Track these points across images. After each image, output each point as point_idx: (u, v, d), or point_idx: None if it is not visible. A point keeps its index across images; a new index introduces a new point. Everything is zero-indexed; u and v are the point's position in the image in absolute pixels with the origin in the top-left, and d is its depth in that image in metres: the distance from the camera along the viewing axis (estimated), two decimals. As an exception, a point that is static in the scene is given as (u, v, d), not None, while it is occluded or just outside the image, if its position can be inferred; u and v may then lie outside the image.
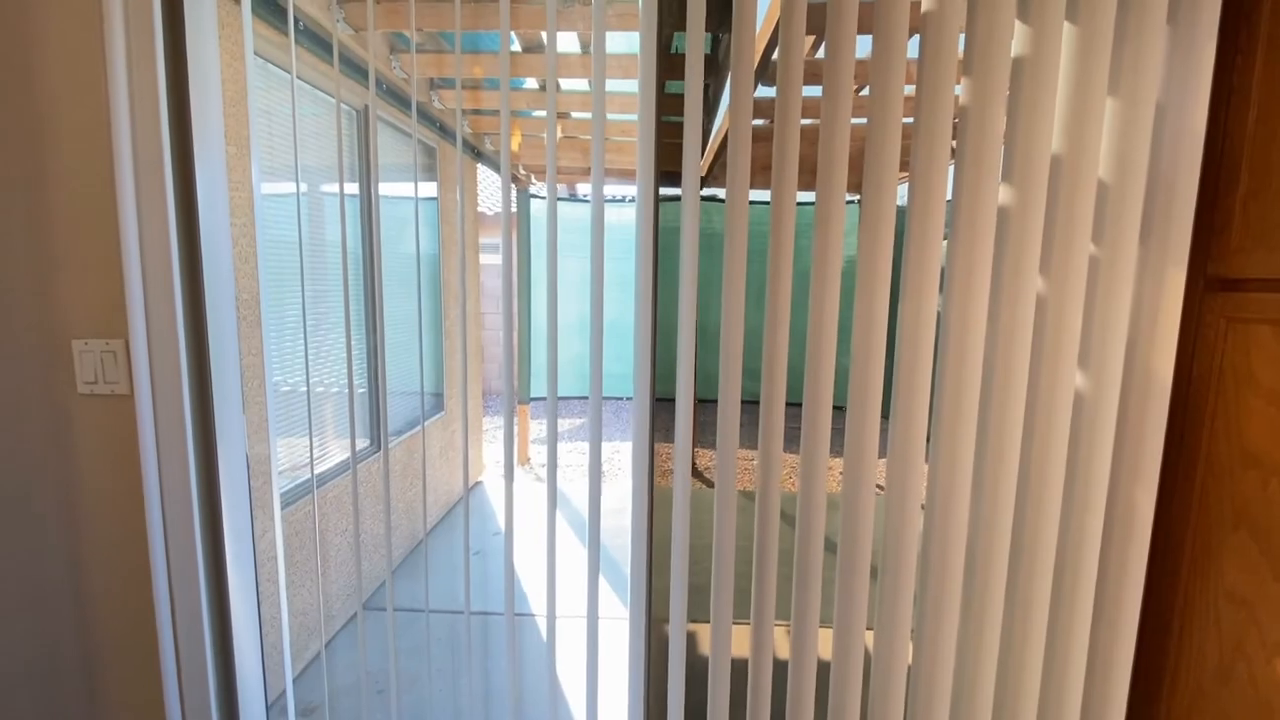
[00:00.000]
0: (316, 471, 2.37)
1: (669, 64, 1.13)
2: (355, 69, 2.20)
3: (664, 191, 1.10)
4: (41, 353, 1.05)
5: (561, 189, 6.67)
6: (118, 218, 0.99)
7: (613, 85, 2.82)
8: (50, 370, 1.05)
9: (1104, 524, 1.05)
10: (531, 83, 2.87)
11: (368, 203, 2.51)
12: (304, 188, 2.16)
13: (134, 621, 1.11)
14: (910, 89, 1.03)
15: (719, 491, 1.12)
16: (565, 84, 2.83)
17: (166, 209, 1.00)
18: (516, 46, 2.31)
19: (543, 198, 7.09)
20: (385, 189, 2.72)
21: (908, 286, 1.03)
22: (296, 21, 1.65)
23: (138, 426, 1.03)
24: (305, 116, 2.15)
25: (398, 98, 2.55)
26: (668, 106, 1.09)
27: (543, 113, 3.19)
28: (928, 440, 1.08)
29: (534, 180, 5.63)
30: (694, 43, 1.01)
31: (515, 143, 3.78)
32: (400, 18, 1.98)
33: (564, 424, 6.53)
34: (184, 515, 1.06)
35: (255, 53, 1.66)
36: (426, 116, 2.93)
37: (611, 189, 6.36)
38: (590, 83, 1.13)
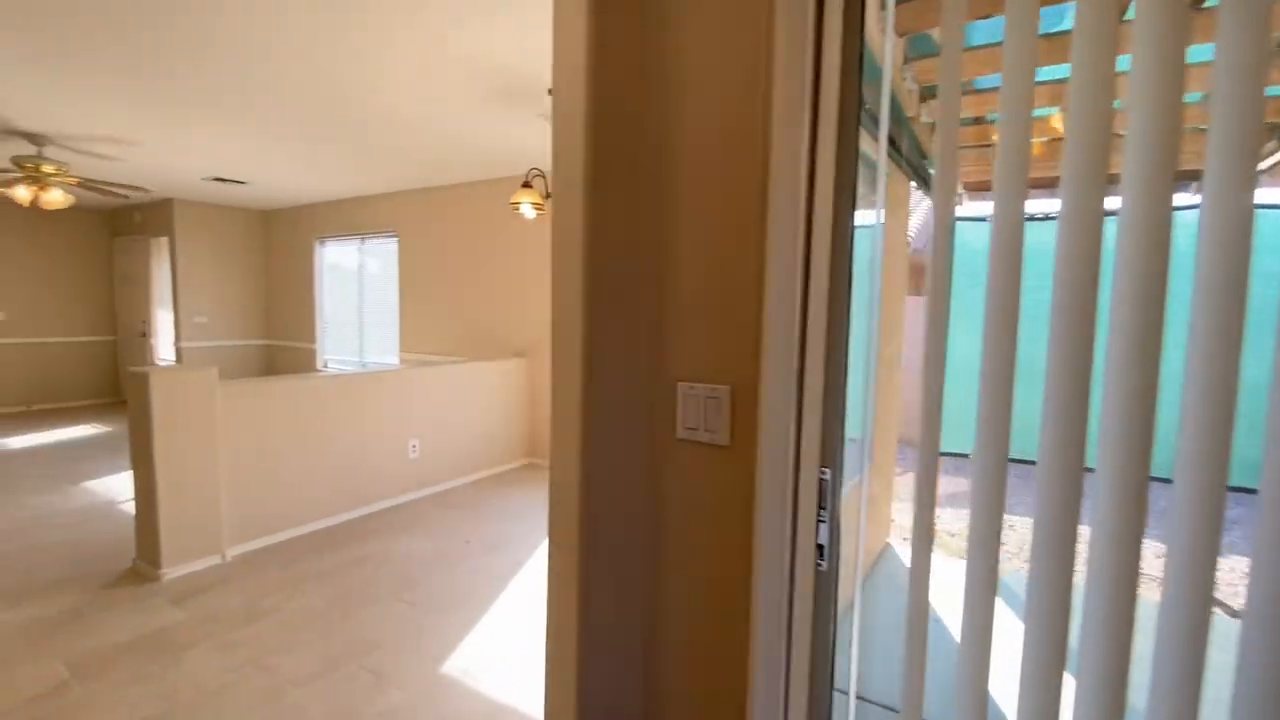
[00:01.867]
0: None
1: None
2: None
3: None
4: (651, 395, 1.06)
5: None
6: (761, 270, 0.96)
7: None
8: (655, 412, 1.06)
9: None
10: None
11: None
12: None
13: (714, 661, 1.05)
14: None
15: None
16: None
17: (795, 263, 0.95)
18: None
19: (970, 219, 6.06)
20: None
21: None
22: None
23: (757, 476, 0.97)
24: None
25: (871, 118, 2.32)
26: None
27: (1048, 110, 2.47)
28: None
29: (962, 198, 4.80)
30: None
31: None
32: (931, 16, 1.55)
33: (958, 485, 5.49)
34: (779, 567, 0.97)
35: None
36: (893, 138, 2.56)
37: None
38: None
